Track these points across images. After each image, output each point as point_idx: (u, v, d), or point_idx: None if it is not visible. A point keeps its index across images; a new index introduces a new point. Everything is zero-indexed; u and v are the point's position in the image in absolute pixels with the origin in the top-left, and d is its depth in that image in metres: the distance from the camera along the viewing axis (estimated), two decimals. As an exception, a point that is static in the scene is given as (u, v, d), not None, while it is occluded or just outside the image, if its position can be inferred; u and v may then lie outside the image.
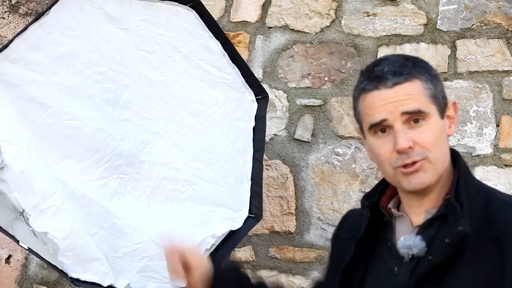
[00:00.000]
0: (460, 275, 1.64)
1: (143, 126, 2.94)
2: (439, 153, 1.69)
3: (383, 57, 1.76)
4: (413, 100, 1.68)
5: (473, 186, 1.73)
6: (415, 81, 1.69)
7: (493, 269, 1.62)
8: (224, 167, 3.08)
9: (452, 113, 1.75)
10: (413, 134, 1.67)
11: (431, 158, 1.68)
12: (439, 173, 1.70)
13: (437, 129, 1.69)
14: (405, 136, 1.67)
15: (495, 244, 1.63)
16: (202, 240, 2.98)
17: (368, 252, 1.79)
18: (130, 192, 2.91)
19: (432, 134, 1.68)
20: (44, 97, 2.70)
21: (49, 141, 2.73)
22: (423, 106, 1.68)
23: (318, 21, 3.53)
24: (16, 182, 2.64)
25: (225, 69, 3.08)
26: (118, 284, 2.81)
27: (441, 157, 1.70)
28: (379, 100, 1.69)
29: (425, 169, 1.68)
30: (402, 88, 1.68)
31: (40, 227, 2.67)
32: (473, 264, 1.64)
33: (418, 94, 1.68)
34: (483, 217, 1.66)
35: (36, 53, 2.68)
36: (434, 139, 1.68)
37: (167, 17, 2.96)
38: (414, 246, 1.69)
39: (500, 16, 3.30)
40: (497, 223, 1.65)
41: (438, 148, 1.69)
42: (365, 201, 1.82)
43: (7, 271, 3.82)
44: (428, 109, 1.68)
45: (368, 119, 1.71)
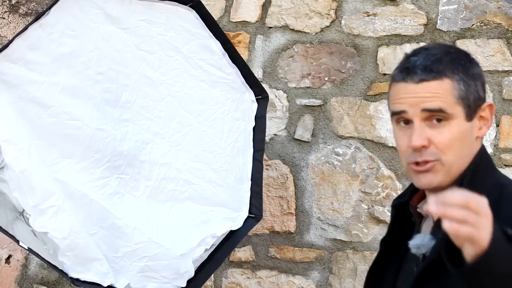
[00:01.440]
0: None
1: (144, 126, 2.94)
2: (454, 156, 1.67)
3: (425, 46, 1.74)
4: (437, 99, 1.65)
5: (489, 180, 1.71)
6: (445, 80, 1.66)
7: None
8: (224, 167, 3.08)
9: (487, 114, 1.71)
10: (431, 133, 1.66)
11: (444, 160, 1.66)
12: (452, 176, 1.68)
13: (458, 131, 1.66)
14: (421, 134, 1.65)
15: None
16: (202, 240, 2.98)
17: (400, 254, 1.79)
18: (130, 192, 2.91)
19: (451, 137, 1.66)
20: (44, 97, 2.70)
21: (49, 141, 2.73)
22: (446, 106, 1.66)
23: (318, 21, 3.53)
24: (16, 182, 2.64)
25: (225, 69, 3.08)
26: (118, 284, 2.81)
27: (456, 160, 1.67)
28: (404, 92, 1.68)
29: (436, 171, 1.67)
30: (428, 86, 1.66)
31: (40, 227, 2.67)
32: None
33: (444, 94, 1.66)
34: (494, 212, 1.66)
35: (36, 53, 2.68)
36: (452, 142, 1.66)
37: (167, 17, 2.96)
38: (422, 245, 1.69)
39: (500, 16, 3.30)
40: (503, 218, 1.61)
41: (454, 151, 1.66)
42: (395, 201, 1.82)
43: (7, 271, 3.82)
44: (452, 110, 1.66)
45: (391, 106, 1.72)
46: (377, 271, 1.83)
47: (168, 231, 2.93)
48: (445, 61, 1.68)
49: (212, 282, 3.58)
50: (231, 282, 3.59)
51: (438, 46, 1.76)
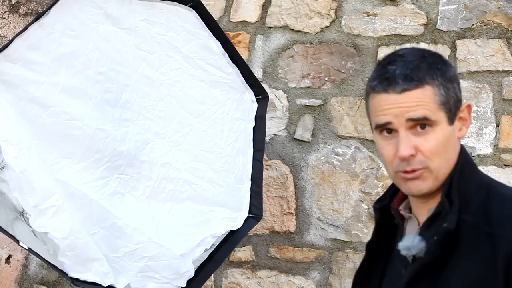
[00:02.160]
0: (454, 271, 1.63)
1: (144, 126, 2.93)
2: (441, 161, 1.67)
3: (400, 53, 1.72)
4: (421, 107, 1.65)
5: (474, 181, 1.72)
6: (426, 87, 1.65)
7: (486, 264, 1.61)
8: (224, 167, 3.08)
9: (466, 115, 1.72)
10: (417, 141, 1.65)
11: (432, 167, 1.66)
12: (440, 180, 1.68)
13: (442, 136, 1.66)
14: (407, 143, 1.65)
15: (489, 239, 1.61)
16: (202, 240, 2.98)
17: (384, 257, 1.79)
18: (130, 192, 2.91)
19: (436, 143, 1.66)
20: (44, 97, 2.70)
21: (49, 141, 2.72)
22: (430, 113, 1.65)
23: (318, 21, 3.53)
24: (16, 182, 2.64)
25: (225, 69, 3.08)
26: (118, 284, 2.81)
27: (443, 165, 1.68)
28: (387, 103, 1.67)
29: (424, 178, 1.67)
30: (411, 95, 1.65)
31: (40, 227, 2.67)
32: (468, 260, 1.63)
33: (427, 101, 1.65)
34: (481, 212, 1.65)
35: (36, 53, 2.68)
36: (437, 148, 1.66)
37: (167, 17, 2.96)
38: (412, 247, 1.68)
39: (500, 16, 3.30)
40: (492, 218, 1.63)
41: (441, 157, 1.67)
42: (376, 205, 1.82)
43: (7, 271, 3.82)
44: (436, 117, 1.66)
45: (374, 119, 1.70)
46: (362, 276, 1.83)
47: (168, 231, 2.93)
48: (424, 68, 1.67)
49: (212, 282, 3.58)
50: (231, 282, 3.59)
51: (411, 51, 1.73)
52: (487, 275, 1.60)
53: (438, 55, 1.73)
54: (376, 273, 1.80)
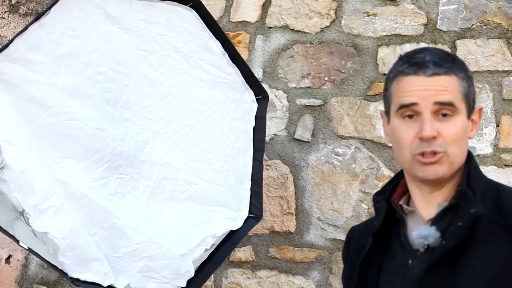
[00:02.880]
0: (473, 261, 1.66)
1: (144, 126, 2.94)
2: (458, 150, 1.72)
3: (425, 47, 1.81)
4: (448, 93, 1.71)
5: (483, 179, 1.78)
6: (453, 76, 1.72)
7: (506, 255, 1.65)
8: (224, 167, 3.08)
9: (476, 117, 1.78)
10: (439, 126, 1.70)
11: (449, 153, 1.71)
12: (453, 168, 1.73)
13: (462, 127, 1.72)
14: (432, 125, 1.70)
15: (507, 231, 1.66)
16: (202, 240, 2.98)
17: (381, 252, 1.81)
18: (130, 192, 2.91)
19: (457, 131, 1.71)
20: (44, 97, 2.70)
21: (49, 141, 2.72)
22: (456, 101, 1.71)
23: (318, 21, 3.54)
24: (16, 182, 2.64)
25: (225, 69, 3.08)
26: (118, 284, 2.81)
27: (459, 154, 1.73)
28: (415, 85, 1.72)
29: (442, 162, 1.71)
30: (440, 79, 1.71)
31: (40, 227, 2.67)
32: (487, 251, 1.66)
33: (453, 89, 1.71)
34: (495, 207, 1.70)
35: (36, 53, 2.68)
36: (457, 136, 1.71)
37: (167, 17, 2.96)
38: (430, 236, 1.72)
39: (500, 16, 3.30)
40: (508, 212, 1.69)
41: (458, 146, 1.72)
42: (377, 197, 1.85)
43: (7, 271, 3.82)
44: (459, 105, 1.72)
45: (399, 99, 1.74)
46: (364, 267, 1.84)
47: (168, 231, 2.93)
48: (449, 60, 1.74)
49: (212, 282, 3.58)
50: (231, 282, 3.59)
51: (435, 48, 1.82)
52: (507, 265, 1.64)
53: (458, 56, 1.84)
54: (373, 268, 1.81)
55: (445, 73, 1.71)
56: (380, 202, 1.83)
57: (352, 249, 1.93)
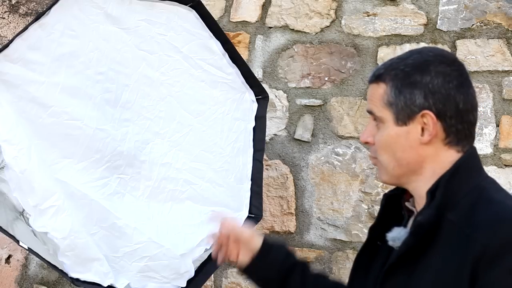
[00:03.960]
0: (429, 265, 1.66)
1: (144, 126, 2.93)
2: (387, 158, 1.75)
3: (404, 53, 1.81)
4: (371, 102, 1.78)
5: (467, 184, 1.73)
6: (381, 85, 1.76)
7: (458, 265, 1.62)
8: (224, 167, 3.08)
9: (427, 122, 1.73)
10: (375, 132, 1.78)
11: (380, 160, 1.77)
12: (393, 175, 1.76)
13: (387, 134, 1.75)
14: (368, 130, 1.79)
15: (466, 240, 1.63)
16: (202, 240, 2.98)
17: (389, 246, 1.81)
18: (130, 192, 2.91)
19: (381, 138, 1.76)
20: (44, 97, 2.70)
21: (49, 141, 2.72)
22: (376, 109, 1.77)
23: (318, 21, 3.54)
24: (16, 182, 2.64)
25: (225, 69, 3.08)
26: (118, 284, 2.81)
27: (391, 162, 1.75)
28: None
29: (379, 168, 1.79)
30: (370, 88, 1.80)
31: (40, 227, 2.66)
32: (443, 257, 1.65)
33: (376, 98, 1.77)
34: (467, 214, 1.67)
35: (36, 53, 2.68)
36: (381, 143, 1.76)
37: (167, 17, 2.96)
38: (398, 238, 1.75)
39: (500, 16, 3.30)
40: (474, 221, 1.65)
41: (386, 154, 1.75)
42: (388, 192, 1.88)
43: (7, 271, 3.82)
44: (381, 114, 1.75)
45: None
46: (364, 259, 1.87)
47: (168, 231, 2.93)
48: (392, 67, 1.76)
49: (212, 282, 3.58)
50: (231, 282, 3.59)
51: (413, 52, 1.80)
52: (457, 275, 1.62)
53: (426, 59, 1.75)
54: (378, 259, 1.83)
55: (374, 81, 1.78)
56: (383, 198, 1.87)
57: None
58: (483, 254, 1.59)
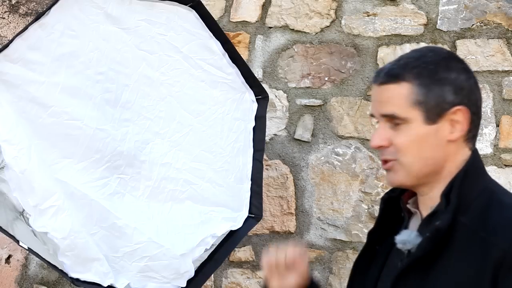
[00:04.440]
0: (445, 270, 1.65)
1: (144, 126, 2.94)
2: (413, 158, 1.69)
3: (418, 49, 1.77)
4: (391, 104, 1.69)
5: (477, 186, 1.72)
6: (403, 84, 1.68)
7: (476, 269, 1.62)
8: (224, 167, 3.08)
9: (459, 118, 1.70)
10: (391, 134, 1.70)
11: (402, 161, 1.69)
12: (414, 176, 1.71)
13: (415, 134, 1.69)
14: (380, 135, 1.71)
15: (483, 244, 1.62)
16: (202, 240, 2.98)
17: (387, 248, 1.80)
18: (130, 192, 2.91)
19: (407, 139, 1.69)
20: (44, 97, 2.70)
21: (49, 141, 2.73)
22: (400, 111, 1.68)
23: (318, 21, 3.53)
24: (16, 182, 2.64)
25: (225, 69, 3.08)
26: (118, 284, 2.81)
27: (416, 162, 1.70)
28: (373, 95, 1.75)
29: (396, 170, 1.71)
30: (386, 89, 1.70)
31: (40, 227, 2.67)
32: (459, 261, 1.64)
33: (399, 98, 1.68)
34: (480, 217, 1.66)
35: (36, 53, 2.68)
36: (408, 144, 1.69)
37: (167, 17, 2.96)
38: (408, 241, 1.71)
39: (500, 16, 3.30)
40: (489, 224, 1.64)
41: (413, 154, 1.69)
42: (385, 195, 1.84)
43: (7, 271, 3.82)
44: (407, 115, 1.68)
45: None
46: (362, 264, 1.85)
47: (168, 231, 2.93)
48: (410, 66, 1.70)
49: (212, 282, 3.58)
50: (231, 282, 3.59)
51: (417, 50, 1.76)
52: (476, 279, 1.61)
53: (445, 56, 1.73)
54: (377, 262, 1.81)
55: (392, 81, 1.69)
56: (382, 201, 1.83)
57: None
58: (504, 259, 1.58)
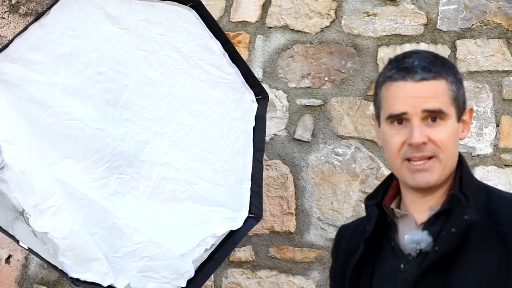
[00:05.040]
0: (465, 266, 1.67)
1: (144, 126, 2.94)
2: (450, 154, 1.72)
3: (414, 51, 1.78)
4: (436, 99, 1.70)
5: (475, 183, 1.77)
6: (442, 81, 1.71)
7: (498, 261, 1.65)
8: (224, 167, 3.08)
9: (467, 118, 1.77)
10: (429, 131, 1.70)
11: (442, 157, 1.71)
12: (446, 173, 1.73)
13: (452, 130, 1.72)
14: (422, 131, 1.69)
15: (498, 237, 1.66)
16: (202, 240, 2.98)
17: (373, 256, 1.80)
18: (130, 192, 2.91)
19: (447, 135, 1.70)
20: (44, 97, 2.70)
21: (49, 141, 2.73)
22: (444, 106, 1.70)
23: (318, 21, 3.54)
24: (16, 182, 2.64)
25: (225, 69, 3.08)
26: (118, 284, 2.81)
27: (451, 158, 1.73)
28: (404, 92, 1.71)
29: (433, 169, 1.71)
30: (428, 85, 1.70)
31: (40, 227, 2.67)
32: (479, 256, 1.66)
33: (442, 94, 1.70)
34: (486, 213, 1.70)
35: (36, 53, 2.68)
36: (448, 139, 1.71)
37: (167, 17, 2.96)
38: (422, 240, 1.71)
39: (500, 16, 3.30)
40: (500, 217, 1.68)
41: (450, 149, 1.71)
42: (369, 201, 1.84)
43: (7, 271, 3.82)
44: (448, 111, 1.71)
45: (388, 108, 1.73)
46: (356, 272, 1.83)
47: (168, 231, 2.93)
48: (438, 63, 1.73)
49: (212, 282, 3.58)
50: (231, 282, 3.59)
51: (425, 51, 1.80)
52: (499, 271, 1.64)
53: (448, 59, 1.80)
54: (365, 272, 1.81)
55: (433, 78, 1.70)
56: (372, 208, 1.82)
57: (342, 250, 1.92)
58: None
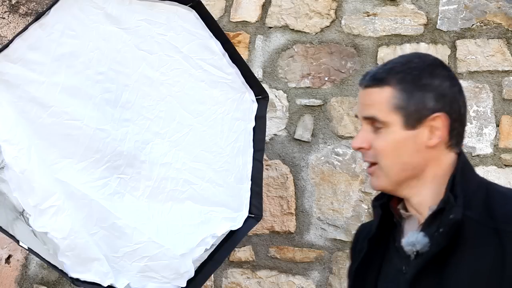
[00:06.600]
0: (460, 265, 1.66)
1: (144, 126, 2.94)
2: (391, 163, 1.72)
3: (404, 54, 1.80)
4: (373, 107, 1.72)
5: (474, 181, 1.75)
6: (385, 89, 1.71)
7: (493, 259, 1.64)
8: (224, 167, 3.08)
9: (438, 124, 1.72)
10: (372, 137, 1.73)
11: (382, 165, 1.72)
12: (394, 180, 1.73)
13: (392, 139, 1.71)
14: (361, 136, 1.74)
15: (495, 235, 1.65)
16: (202, 240, 2.98)
17: (380, 255, 1.81)
18: (130, 192, 2.91)
19: (385, 143, 1.71)
20: (44, 97, 2.70)
21: (49, 141, 2.73)
22: (381, 115, 1.71)
23: (318, 21, 3.54)
24: (16, 182, 2.64)
25: (225, 69, 3.08)
26: (118, 284, 2.81)
27: (395, 166, 1.72)
28: (358, 97, 1.78)
29: (377, 175, 1.74)
30: (369, 93, 1.73)
31: (40, 227, 2.67)
32: (474, 255, 1.66)
33: (380, 102, 1.71)
34: (484, 210, 1.69)
35: (36, 53, 2.68)
36: (386, 148, 1.71)
37: (167, 17, 2.96)
38: (417, 242, 1.71)
39: (500, 16, 3.30)
40: (497, 214, 1.67)
41: (391, 158, 1.72)
42: (375, 202, 1.85)
43: (7, 271, 3.82)
44: (387, 119, 1.71)
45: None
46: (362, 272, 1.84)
47: (168, 231, 2.93)
48: (394, 71, 1.72)
49: (212, 282, 3.58)
50: (231, 282, 3.59)
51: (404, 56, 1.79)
52: (494, 269, 1.64)
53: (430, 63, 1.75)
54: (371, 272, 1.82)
55: (376, 85, 1.72)
56: (376, 208, 1.83)
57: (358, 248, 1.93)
58: None
